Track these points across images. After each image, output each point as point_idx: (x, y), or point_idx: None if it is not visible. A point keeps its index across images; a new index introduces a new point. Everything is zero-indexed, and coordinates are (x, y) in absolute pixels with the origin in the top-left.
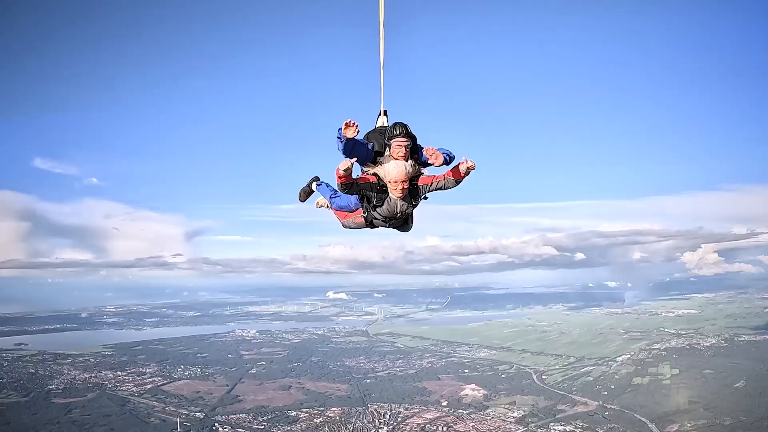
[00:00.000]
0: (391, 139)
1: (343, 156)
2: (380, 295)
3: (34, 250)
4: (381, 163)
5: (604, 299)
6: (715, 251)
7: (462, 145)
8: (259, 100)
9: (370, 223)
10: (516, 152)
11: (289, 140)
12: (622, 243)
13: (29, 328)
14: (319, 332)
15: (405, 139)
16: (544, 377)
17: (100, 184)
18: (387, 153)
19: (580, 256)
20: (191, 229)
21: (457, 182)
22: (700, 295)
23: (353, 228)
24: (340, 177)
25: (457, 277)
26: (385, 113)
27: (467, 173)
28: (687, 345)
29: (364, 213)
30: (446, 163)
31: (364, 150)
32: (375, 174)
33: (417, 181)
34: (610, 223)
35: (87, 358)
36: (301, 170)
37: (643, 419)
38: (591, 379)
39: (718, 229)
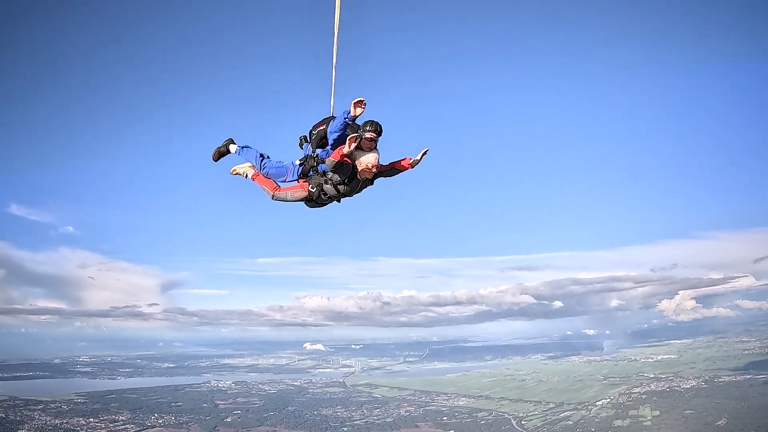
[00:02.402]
0: (366, 133)
1: (332, 134)
2: (358, 347)
3: (6, 297)
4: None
5: (582, 348)
6: (692, 298)
7: (435, 198)
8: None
9: (313, 198)
10: (491, 205)
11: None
12: (600, 290)
13: (0, 375)
14: (296, 383)
15: (378, 135)
16: (523, 422)
17: (75, 232)
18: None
19: (557, 304)
20: (167, 281)
21: (401, 171)
22: (679, 341)
23: (287, 201)
24: (342, 156)
25: (435, 329)
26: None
27: (413, 166)
28: (667, 388)
29: (313, 187)
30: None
31: (344, 137)
32: (348, 157)
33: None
34: (587, 272)
35: (59, 404)
36: (276, 222)
37: None
38: (571, 422)
39: (694, 275)
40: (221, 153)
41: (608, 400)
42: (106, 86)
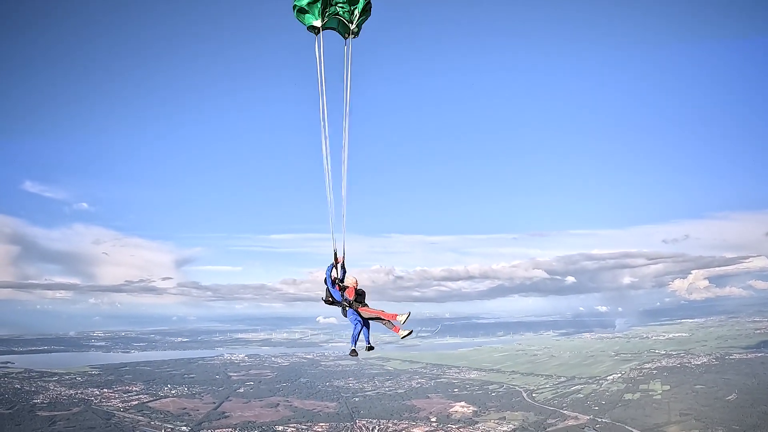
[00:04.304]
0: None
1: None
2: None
3: (22, 274)
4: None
5: (594, 326)
6: (705, 277)
7: (448, 175)
8: (250, 131)
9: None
10: (504, 182)
11: (280, 171)
12: (612, 266)
13: (16, 349)
14: (308, 356)
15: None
16: (534, 395)
17: (89, 209)
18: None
19: (570, 279)
20: (180, 257)
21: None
22: (691, 320)
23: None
24: (349, 294)
25: (448, 305)
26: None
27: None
28: (678, 364)
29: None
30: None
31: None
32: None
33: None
34: (600, 248)
35: (73, 376)
36: (290, 200)
37: (634, 431)
38: (582, 396)
39: (708, 254)
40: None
41: (619, 374)
42: (123, 63)
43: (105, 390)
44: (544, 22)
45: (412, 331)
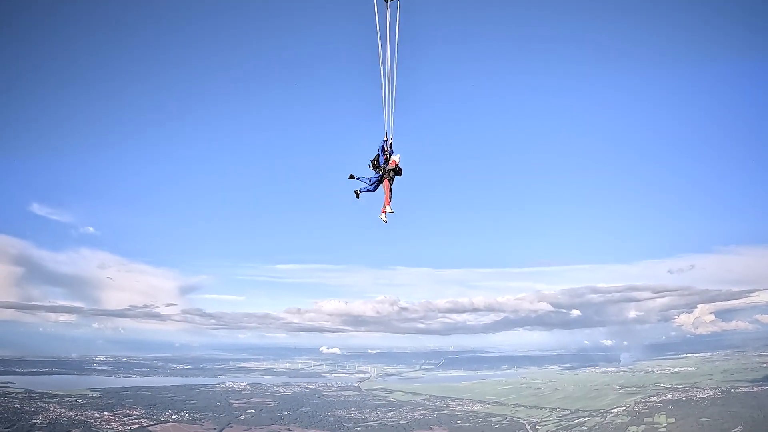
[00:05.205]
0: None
1: (379, 153)
2: (374, 352)
3: (27, 295)
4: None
5: (599, 359)
6: (711, 312)
7: (455, 209)
8: (259, 160)
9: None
10: (511, 217)
11: (287, 200)
12: (618, 300)
13: (17, 370)
14: (311, 386)
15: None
16: (537, 427)
17: (96, 233)
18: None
19: (575, 313)
20: (185, 284)
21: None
22: (697, 354)
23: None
24: (392, 163)
25: (452, 338)
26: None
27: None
28: (683, 397)
29: (383, 175)
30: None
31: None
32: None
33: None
34: (606, 282)
35: (74, 398)
36: (297, 231)
37: None
38: (585, 428)
39: (714, 288)
40: (357, 193)
41: (624, 407)
42: (134, 90)
43: (105, 413)
44: (552, 52)
45: (386, 220)
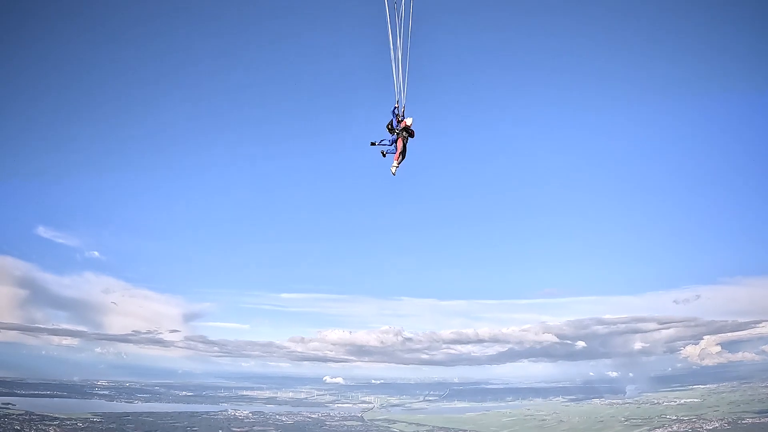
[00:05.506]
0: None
1: (392, 117)
2: (377, 382)
3: (30, 318)
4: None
5: (605, 391)
6: (717, 343)
7: (460, 240)
8: (266, 188)
9: (399, 138)
10: (516, 249)
11: (292, 229)
12: (623, 331)
13: (18, 392)
14: (313, 416)
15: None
16: None
17: (101, 258)
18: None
19: (581, 344)
20: (189, 311)
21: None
22: (703, 386)
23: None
24: (403, 125)
25: (457, 369)
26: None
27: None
28: (689, 429)
29: (398, 136)
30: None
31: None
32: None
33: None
34: (611, 314)
35: (74, 422)
36: (301, 260)
37: None
38: None
39: (720, 319)
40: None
41: None
42: (141, 115)
43: None
44: (556, 87)
45: (395, 173)
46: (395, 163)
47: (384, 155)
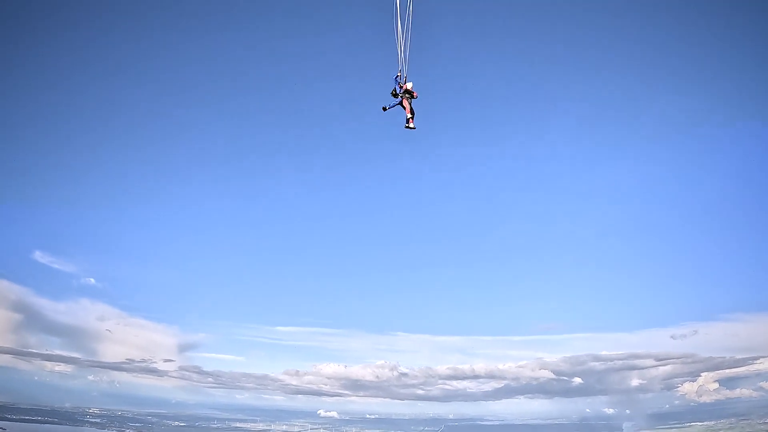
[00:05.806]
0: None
1: (395, 84)
2: (372, 417)
3: (23, 342)
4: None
5: (601, 429)
6: (715, 380)
7: (456, 276)
8: (263, 222)
9: (402, 101)
10: (512, 285)
11: (289, 263)
12: (620, 368)
13: (9, 416)
14: None
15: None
16: None
17: (97, 285)
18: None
19: (577, 381)
20: (184, 341)
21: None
22: (701, 423)
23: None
24: (406, 89)
25: (452, 405)
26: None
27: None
28: None
29: (401, 97)
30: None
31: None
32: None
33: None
34: (608, 350)
35: None
36: (298, 294)
37: None
38: None
39: (718, 356)
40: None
41: None
42: (142, 142)
43: None
44: (553, 119)
45: (414, 127)
46: (411, 121)
47: (385, 110)
